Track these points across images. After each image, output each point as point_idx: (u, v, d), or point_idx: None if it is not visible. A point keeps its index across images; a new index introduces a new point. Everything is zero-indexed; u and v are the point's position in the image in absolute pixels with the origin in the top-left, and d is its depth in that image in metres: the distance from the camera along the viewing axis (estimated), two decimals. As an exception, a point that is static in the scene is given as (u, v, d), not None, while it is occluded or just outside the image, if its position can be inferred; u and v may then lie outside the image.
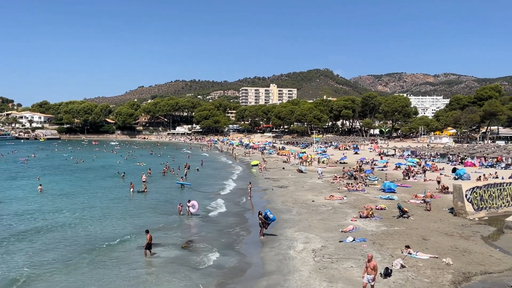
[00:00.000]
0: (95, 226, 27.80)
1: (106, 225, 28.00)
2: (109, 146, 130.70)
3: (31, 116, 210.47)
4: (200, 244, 23.61)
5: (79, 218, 29.98)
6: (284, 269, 18.68)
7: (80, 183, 49.61)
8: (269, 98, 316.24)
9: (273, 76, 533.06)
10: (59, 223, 28.38)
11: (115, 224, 28.45)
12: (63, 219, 29.64)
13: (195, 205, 31.17)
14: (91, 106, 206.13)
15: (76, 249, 22.40)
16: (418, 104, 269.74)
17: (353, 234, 23.73)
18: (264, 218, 24.69)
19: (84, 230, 26.54)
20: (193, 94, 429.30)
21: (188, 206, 31.09)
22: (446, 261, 18.58)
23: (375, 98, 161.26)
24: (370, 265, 15.35)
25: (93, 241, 24.01)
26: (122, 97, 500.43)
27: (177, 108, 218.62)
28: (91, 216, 30.88)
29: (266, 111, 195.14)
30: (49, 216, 30.56)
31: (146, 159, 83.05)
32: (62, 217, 30.28)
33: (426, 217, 28.47)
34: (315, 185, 44.99)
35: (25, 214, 31.08)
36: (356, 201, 34.50)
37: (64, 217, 30.47)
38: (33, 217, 30.17)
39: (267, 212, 25.03)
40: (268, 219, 24.74)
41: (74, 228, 27.04)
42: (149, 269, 19.46)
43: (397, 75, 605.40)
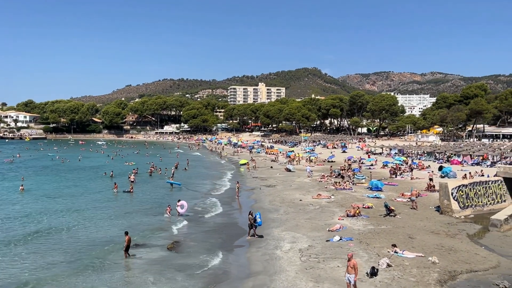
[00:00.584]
0: (78, 227, 27.34)
1: (90, 227, 27.55)
2: (95, 145, 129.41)
3: (16, 116, 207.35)
4: (185, 244, 23.39)
5: (61, 220, 29.44)
6: (270, 269, 18.53)
7: (65, 183, 48.97)
8: (257, 97, 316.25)
9: (261, 75, 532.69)
10: (41, 226, 27.82)
11: (99, 225, 27.99)
12: (45, 221, 29.07)
13: (184, 205, 30.81)
14: (78, 105, 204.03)
15: (56, 252, 21.96)
16: (405, 102, 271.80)
17: (340, 233, 23.67)
18: (253, 220, 24.42)
19: (67, 232, 26.06)
20: (181, 93, 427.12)
21: (177, 206, 30.69)
22: (432, 260, 18.59)
23: (362, 96, 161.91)
24: (350, 264, 15.33)
25: (75, 243, 23.63)
26: (110, 96, 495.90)
27: (165, 107, 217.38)
28: (75, 217, 30.38)
29: (255, 110, 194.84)
30: (31, 218, 29.95)
31: (133, 158, 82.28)
32: (44, 219, 29.68)
33: (413, 215, 28.56)
34: (303, 184, 44.94)
35: (4, 216, 30.50)
36: (343, 200, 34.51)
37: (46, 218, 29.88)
38: (15, 219, 29.59)
39: (257, 216, 24.72)
40: (256, 222, 24.47)
41: (56, 230, 26.47)
42: (132, 271, 19.14)
43: (384, 74, 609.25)
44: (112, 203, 36.36)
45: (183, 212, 30.65)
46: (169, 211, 30.79)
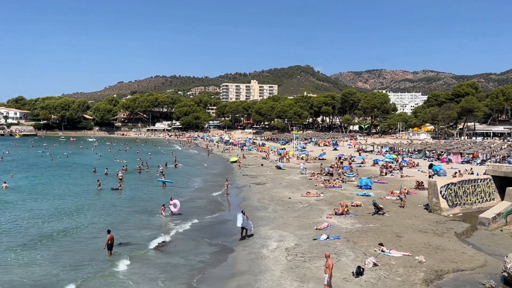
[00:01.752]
0: (62, 225, 26.87)
1: (73, 224, 27.08)
2: (86, 142, 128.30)
3: (6, 112, 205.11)
4: (172, 244, 23.06)
5: (45, 218, 28.89)
6: (255, 268, 18.27)
7: (52, 180, 48.26)
8: (250, 94, 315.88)
9: (254, 72, 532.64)
10: (23, 224, 27.38)
11: (84, 223, 27.50)
12: (27, 219, 28.59)
13: (177, 204, 30.17)
14: (69, 102, 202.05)
15: (37, 251, 21.52)
16: (397, 100, 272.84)
17: (328, 231, 23.47)
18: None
19: (49, 230, 25.56)
20: (173, 90, 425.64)
21: (170, 204, 30.11)
22: (419, 259, 18.43)
23: (354, 94, 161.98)
24: (326, 264, 15.20)
25: (57, 241, 23.24)
26: (101, 92, 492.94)
27: (157, 104, 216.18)
28: (59, 215, 29.88)
29: (247, 107, 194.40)
30: (13, 216, 29.48)
31: (123, 156, 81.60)
32: (26, 218, 29.16)
33: (401, 213, 28.45)
34: (293, 182, 44.74)
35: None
36: (332, 198, 34.35)
37: (28, 217, 29.34)
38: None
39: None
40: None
41: (39, 228, 26.05)
42: (115, 271, 18.74)
43: (377, 72, 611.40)
44: (99, 201, 35.88)
45: (176, 211, 30.04)
46: (163, 211, 29.98)
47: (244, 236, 23.39)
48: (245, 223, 23.19)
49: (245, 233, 23.63)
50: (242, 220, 22.90)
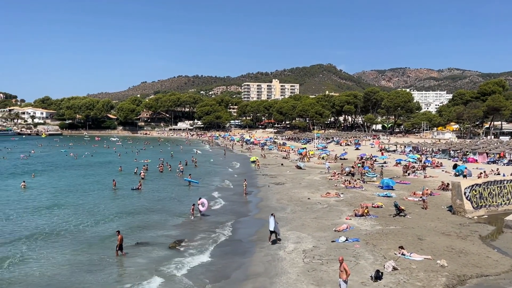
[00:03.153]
0: (80, 224, 27.09)
1: (92, 224, 27.27)
2: (109, 142, 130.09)
3: (33, 112, 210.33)
4: (188, 243, 22.91)
5: (63, 217, 29.16)
6: (271, 271, 17.94)
7: (75, 180, 48.90)
8: (271, 94, 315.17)
9: (276, 72, 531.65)
10: (40, 223, 27.71)
11: (102, 222, 27.68)
12: (44, 218, 28.96)
13: (205, 203, 29.93)
14: (93, 102, 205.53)
15: (55, 249, 21.70)
16: (422, 99, 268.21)
17: (347, 233, 22.98)
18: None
19: (66, 229, 25.79)
20: (195, 90, 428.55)
21: (198, 204, 29.81)
22: (440, 263, 17.80)
23: (377, 93, 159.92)
24: (340, 268, 14.80)
25: (74, 240, 23.42)
26: (125, 92, 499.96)
27: (179, 104, 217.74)
28: (76, 214, 30.13)
29: (268, 107, 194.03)
30: (27, 215, 29.87)
31: (146, 155, 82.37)
32: (42, 216, 29.58)
33: (424, 215, 27.68)
34: (313, 182, 44.21)
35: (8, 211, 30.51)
36: (352, 199, 33.75)
37: (44, 215, 29.72)
38: (20, 215, 29.56)
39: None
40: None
41: (55, 228, 26.24)
42: (130, 270, 18.72)
43: (401, 70, 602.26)
44: (118, 200, 36.10)
45: (204, 210, 29.76)
46: (193, 210, 29.53)
47: (274, 240, 22.17)
48: (276, 227, 22.15)
49: (275, 237, 22.42)
50: (274, 224, 21.96)
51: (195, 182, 44.91)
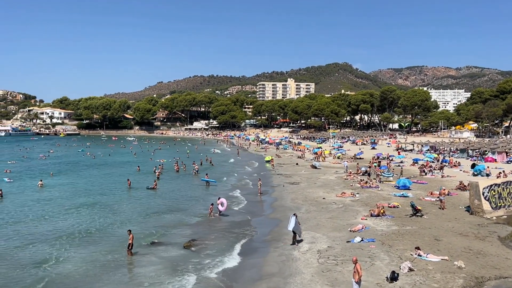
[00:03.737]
0: (94, 224, 27.40)
1: (107, 223, 27.56)
2: (126, 141, 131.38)
3: (51, 112, 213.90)
4: (202, 243, 22.94)
5: (78, 217, 29.52)
6: (286, 271, 17.86)
7: (92, 179, 49.54)
8: (286, 93, 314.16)
9: (291, 71, 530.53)
10: (55, 222, 28.11)
11: (117, 222, 27.95)
12: (60, 217, 29.33)
13: (224, 203, 29.77)
14: (110, 102, 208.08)
15: (70, 249, 21.93)
16: (439, 97, 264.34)
17: (362, 234, 22.75)
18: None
19: (80, 229, 26.06)
20: (211, 90, 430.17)
21: (218, 204, 29.71)
22: (458, 264, 17.49)
23: (394, 92, 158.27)
24: (354, 269, 14.68)
25: (91, 239, 23.71)
26: (142, 92, 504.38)
27: (194, 104, 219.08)
28: (91, 214, 30.45)
29: (283, 106, 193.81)
30: (42, 214, 30.27)
31: (162, 154, 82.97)
32: (58, 215, 30.00)
33: (441, 216, 27.25)
34: (328, 181, 43.95)
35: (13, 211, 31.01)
36: (368, 199, 33.43)
37: (60, 214, 30.12)
38: (41, 215, 30.03)
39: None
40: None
41: (70, 227, 26.55)
42: (144, 270, 18.81)
43: (418, 69, 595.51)
44: (134, 199, 36.39)
45: (223, 209, 29.63)
46: (211, 210, 29.60)
47: (295, 241, 21.66)
48: (296, 227, 21.65)
49: (296, 237, 21.94)
50: (295, 224, 21.43)
51: (212, 182, 44.91)
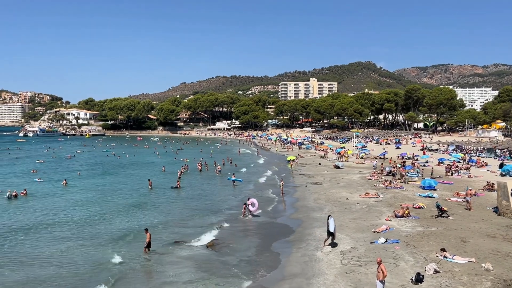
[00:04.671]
0: (117, 222, 27.93)
1: (129, 222, 28.00)
2: (150, 142, 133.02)
3: (77, 113, 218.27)
4: (225, 243, 23.03)
5: (100, 215, 30.06)
6: (308, 271, 17.80)
7: (117, 179, 50.38)
8: (309, 93, 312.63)
9: (313, 70, 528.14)
10: (81, 220, 28.67)
11: (141, 221, 28.33)
12: (85, 215, 29.91)
13: (255, 203, 29.48)
14: (134, 103, 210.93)
15: (95, 247, 22.37)
16: (466, 96, 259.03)
17: (386, 235, 22.47)
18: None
19: (105, 226, 26.63)
20: (233, 90, 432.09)
21: (248, 204, 29.60)
22: (485, 266, 17.10)
23: (419, 90, 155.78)
24: (378, 269, 14.48)
25: (115, 237, 24.12)
26: (165, 93, 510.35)
27: (217, 104, 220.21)
28: (121, 213, 30.95)
29: (305, 106, 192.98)
30: (67, 214, 30.89)
31: (185, 154, 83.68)
32: (85, 213, 30.58)
33: (467, 217, 26.68)
34: (351, 181, 43.55)
35: (52, 208, 31.73)
36: (392, 199, 32.99)
37: (86, 213, 30.77)
38: (67, 213, 30.70)
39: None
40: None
41: (94, 225, 27.13)
42: (166, 268, 19.03)
43: (443, 67, 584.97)
44: (158, 199, 36.82)
45: (254, 210, 29.38)
46: (244, 210, 29.39)
47: (331, 244, 21.20)
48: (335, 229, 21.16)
49: (332, 239, 21.41)
50: (334, 226, 21.04)
51: (238, 181, 44.95)
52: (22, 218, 28.91)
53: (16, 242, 23.24)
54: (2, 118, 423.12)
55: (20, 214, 30.17)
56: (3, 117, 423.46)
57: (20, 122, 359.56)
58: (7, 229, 25.86)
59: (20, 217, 29.40)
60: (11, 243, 23.04)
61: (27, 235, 24.50)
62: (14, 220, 28.30)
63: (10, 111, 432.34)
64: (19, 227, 26.26)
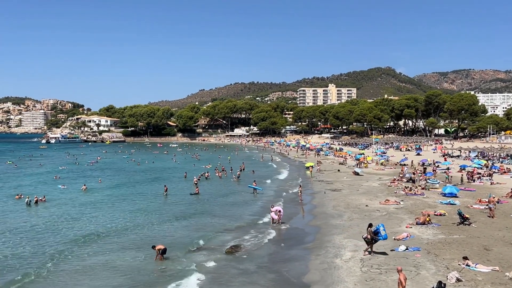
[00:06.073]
0: (137, 228, 28.15)
1: (150, 228, 28.24)
2: (169, 148, 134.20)
3: (98, 120, 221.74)
4: (244, 249, 23.09)
5: (122, 220, 30.46)
6: (327, 279, 17.68)
7: (138, 185, 50.93)
8: (327, 99, 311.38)
9: (332, 76, 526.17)
10: (101, 225, 29.07)
11: (159, 226, 28.59)
12: (102, 221, 30.33)
13: (279, 211, 29.27)
14: (154, 110, 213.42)
15: (115, 253, 22.61)
16: (487, 102, 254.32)
17: (407, 242, 22.17)
18: (373, 233, 20.51)
19: (126, 233, 26.91)
20: (251, 96, 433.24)
21: (271, 211, 29.44)
22: (509, 275, 16.72)
23: (439, 96, 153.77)
24: (398, 279, 14.28)
25: (133, 244, 24.33)
26: (184, 100, 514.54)
27: (235, 110, 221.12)
28: (135, 218, 31.36)
29: (324, 112, 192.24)
30: (88, 218, 31.37)
31: (205, 161, 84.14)
32: (101, 219, 31.03)
33: (490, 224, 26.15)
34: (371, 188, 43.13)
35: (70, 215, 32.25)
36: (413, 206, 32.55)
37: (102, 218, 31.20)
38: (88, 220, 31.18)
39: (380, 228, 20.52)
40: (379, 235, 20.35)
41: (116, 231, 27.40)
42: (184, 274, 19.16)
43: (464, 72, 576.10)
44: (177, 205, 37.08)
45: (278, 218, 29.03)
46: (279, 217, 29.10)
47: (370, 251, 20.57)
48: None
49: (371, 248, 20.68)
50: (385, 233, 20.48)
51: (259, 189, 44.72)
52: (39, 222, 29.48)
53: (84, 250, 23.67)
54: (26, 125, 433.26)
55: (40, 218, 30.76)
56: (27, 124, 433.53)
57: (43, 129, 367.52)
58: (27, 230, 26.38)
59: (39, 221, 29.98)
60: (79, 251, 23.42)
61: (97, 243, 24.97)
62: (37, 224, 28.87)
63: (33, 118, 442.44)
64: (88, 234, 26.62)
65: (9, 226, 28.52)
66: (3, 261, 21.11)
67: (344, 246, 22.15)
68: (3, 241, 24.83)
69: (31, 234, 26.33)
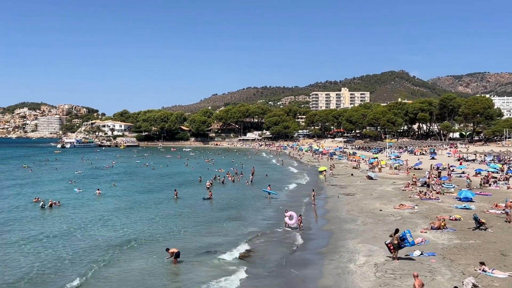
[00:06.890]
0: (150, 233, 28.26)
1: (165, 233, 28.38)
2: (182, 152, 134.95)
3: (112, 125, 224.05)
4: (258, 254, 23.10)
5: (134, 226, 30.55)
6: (341, 284, 17.62)
7: (152, 189, 51.28)
8: (340, 103, 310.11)
9: (345, 80, 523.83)
10: (114, 231, 29.30)
11: (174, 231, 28.72)
12: (115, 226, 30.50)
13: (294, 216, 29.15)
14: (167, 114, 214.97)
15: (128, 260, 22.66)
16: (503, 105, 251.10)
17: (422, 247, 21.97)
18: (400, 239, 20.14)
19: (138, 238, 26.97)
20: (264, 100, 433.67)
21: (285, 216, 29.28)
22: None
23: (454, 99, 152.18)
24: (413, 285, 14.15)
25: (147, 248, 24.44)
26: (197, 105, 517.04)
27: (248, 115, 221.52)
28: (147, 223, 31.40)
29: (337, 116, 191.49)
30: (101, 223, 31.59)
31: (218, 165, 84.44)
32: (116, 225, 31.18)
33: (507, 229, 25.80)
34: (385, 193, 42.85)
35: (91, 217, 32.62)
36: (428, 211, 32.26)
37: (117, 224, 31.27)
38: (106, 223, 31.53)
39: (406, 234, 20.12)
40: (406, 241, 19.97)
41: (129, 236, 27.51)
42: (198, 278, 19.26)
43: (479, 75, 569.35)
44: (190, 209, 37.19)
45: (293, 223, 28.96)
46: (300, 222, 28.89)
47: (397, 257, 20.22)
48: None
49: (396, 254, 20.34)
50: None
51: (273, 194, 44.60)
52: (59, 226, 29.87)
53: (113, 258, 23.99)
54: (41, 130, 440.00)
55: (59, 222, 31.18)
56: (42, 129, 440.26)
57: (58, 134, 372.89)
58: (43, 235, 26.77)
59: (62, 225, 30.37)
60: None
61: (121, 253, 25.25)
62: (50, 228, 29.26)
63: (49, 123, 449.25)
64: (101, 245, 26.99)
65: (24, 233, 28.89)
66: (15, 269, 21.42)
67: (358, 251, 22.04)
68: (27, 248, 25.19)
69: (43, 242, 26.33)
